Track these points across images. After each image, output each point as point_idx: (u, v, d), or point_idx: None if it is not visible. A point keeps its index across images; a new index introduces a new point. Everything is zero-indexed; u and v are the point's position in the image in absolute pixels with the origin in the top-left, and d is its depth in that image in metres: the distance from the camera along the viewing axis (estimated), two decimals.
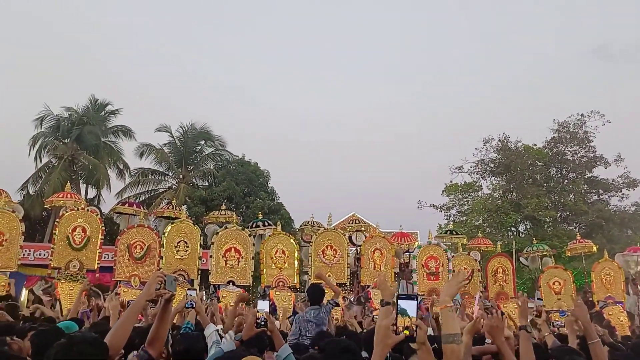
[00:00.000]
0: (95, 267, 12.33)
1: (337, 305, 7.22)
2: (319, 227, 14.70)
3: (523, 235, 30.30)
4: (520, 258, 16.78)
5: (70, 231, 12.16)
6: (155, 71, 75.49)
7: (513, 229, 31.36)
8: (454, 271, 14.24)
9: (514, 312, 13.15)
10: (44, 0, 70.63)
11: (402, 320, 2.30)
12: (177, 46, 79.53)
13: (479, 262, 15.19)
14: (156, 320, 3.04)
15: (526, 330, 3.53)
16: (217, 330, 4.63)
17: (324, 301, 6.85)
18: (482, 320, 3.34)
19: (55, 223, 12.82)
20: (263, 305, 3.52)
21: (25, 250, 17.49)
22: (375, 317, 8.66)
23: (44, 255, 16.50)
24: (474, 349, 4.85)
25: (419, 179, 65.79)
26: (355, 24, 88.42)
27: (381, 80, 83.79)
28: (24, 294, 16.66)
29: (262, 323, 3.54)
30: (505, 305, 13.67)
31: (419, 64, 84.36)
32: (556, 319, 11.96)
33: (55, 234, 12.32)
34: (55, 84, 58.96)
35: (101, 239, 12.54)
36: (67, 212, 12.61)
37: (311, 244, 13.96)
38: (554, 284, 14.31)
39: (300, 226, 15.82)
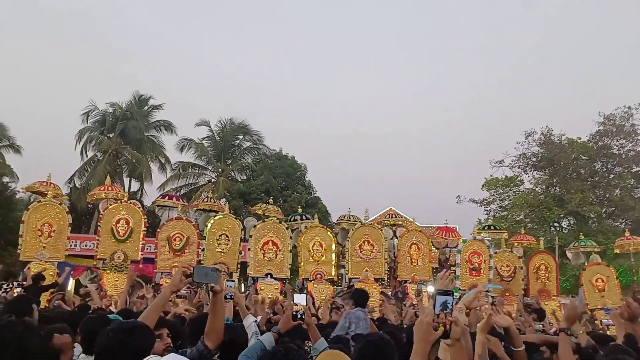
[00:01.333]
0: (139, 258, 12.69)
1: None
2: (355, 221, 14.66)
3: (566, 231, 29.49)
4: (568, 253, 16.26)
5: (114, 223, 12.53)
6: (195, 67, 76.66)
7: (556, 224, 30.55)
8: (496, 268, 14.00)
9: (554, 310, 12.86)
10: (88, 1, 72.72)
11: (443, 315, 2.29)
12: (214, 42, 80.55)
13: (522, 259, 14.84)
14: (210, 313, 3.10)
15: (566, 332, 3.52)
16: (256, 322, 4.71)
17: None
18: (493, 316, 3.33)
19: (100, 215, 13.24)
20: (300, 299, 3.56)
21: (72, 242, 18.12)
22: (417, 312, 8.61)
23: (90, 246, 17.05)
24: (536, 337, 4.83)
25: (458, 173, 64.81)
26: (389, 18, 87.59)
27: (420, 71, 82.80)
28: (71, 284, 17.28)
29: (299, 316, 3.58)
30: (546, 303, 13.37)
31: (460, 53, 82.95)
32: (602, 317, 11.64)
33: (100, 226, 12.72)
34: (101, 80, 60.71)
35: (143, 231, 12.88)
36: (110, 204, 12.99)
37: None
38: (596, 281, 13.91)
39: (338, 220, 15.81)
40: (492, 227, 16.52)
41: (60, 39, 70.64)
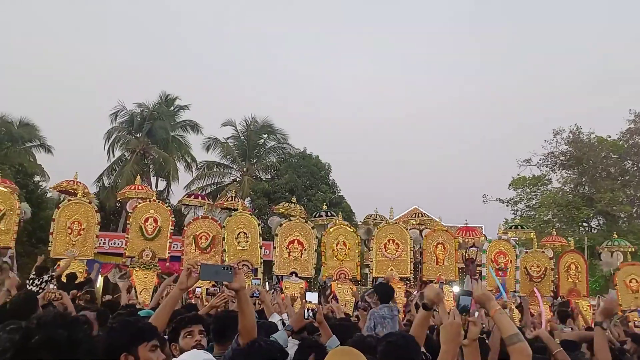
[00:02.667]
0: (166, 256, 12.88)
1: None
2: (381, 220, 14.60)
3: (596, 231, 28.89)
4: (602, 254, 15.89)
5: (143, 222, 12.74)
6: (220, 67, 77.29)
7: (585, 224, 29.97)
8: (525, 268, 13.80)
9: (585, 309, 12.63)
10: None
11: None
12: (240, 42, 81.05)
13: (552, 260, 14.59)
14: (238, 312, 3.11)
15: (601, 327, 3.48)
16: (282, 320, 4.73)
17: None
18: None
19: (129, 214, 13.46)
20: (311, 297, 3.57)
21: (101, 240, 18.44)
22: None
23: (118, 244, 17.34)
24: (575, 335, 4.79)
25: (484, 172, 64.00)
26: (410, 15, 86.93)
27: (446, 73, 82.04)
28: (100, 281, 17.59)
29: (311, 314, 3.59)
30: (576, 302, 13.15)
31: (483, 51, 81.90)
32: (635, 318, 11.39)
33: (129, 224, 12.94)
34: (129, 80, 61.69)
35: (171, 229, 13.06)
36: (139, 203, 13.20)
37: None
38: (630, 281, 13.61)
39: (364, 219, 15.77)
40: (519, 227, 16.28)
41: (92, 40, 72.02)
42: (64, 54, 70.30)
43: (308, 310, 3.65)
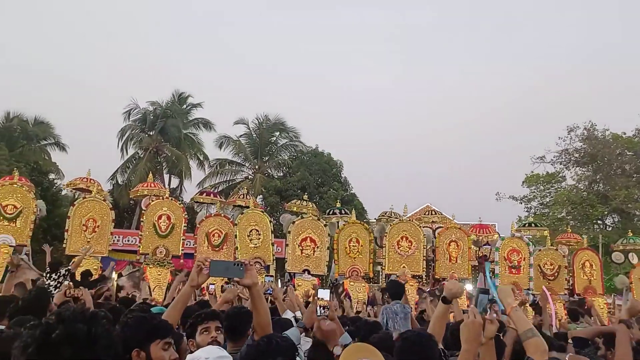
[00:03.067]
0: (180, 253, 12.96)
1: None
2: (396, 217, 14.57)
3: (610, 229, 28.59)
4: (616, 253, 15.75)
5: (156, 219, 12.81)
6: (231, 65, 77.54)
7: (599, 222, 29.67)
8: (538, 266, 13.70)
9: (601, 307, 12.51)
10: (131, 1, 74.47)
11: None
12: (252, 40, 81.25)
13: (567, 257, 14.46)
14: (252, 309, 3.11)
15: (627, 324, 3.48)
16: (294, 317, 4.74)
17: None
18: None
19: (142, 211, 13.55)
20: (323, 294, 3.58)
21: (115, 237, 18.61)
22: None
23: (132, 241, 17.50)
24: (584, 332, 4.76)
25: (497, 170, 63.60)
26: (426, 10, 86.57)
27: (457, 66, 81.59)
28: (114, 278, 17.76)
29: (323, 312, 3.60)
30: (593, 300, 13.04)
31: (496, 48, 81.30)
32: None
33: (142, 221, 13.03)
34: (142, 79, 62.11)
35: (184, 226, 13.14)
36: (152, 200, 13.29)
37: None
38: None
39: (379, 217, 15.75)
40: (533, 225, 16.16)
41: (103, 37, 72.60)
42: (78, 53, 70.95)
43: (320, 307, 3.66)
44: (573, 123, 30.73)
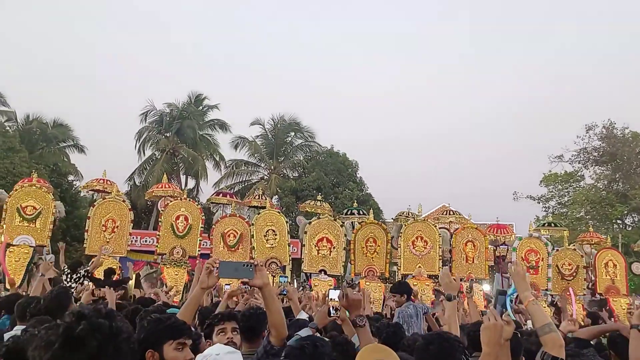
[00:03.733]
0: (196, 253, 13.05)
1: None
2: (413, 218, 14.52)
3: (630, 229, 28.16)
4: (635, 264, 15.53)
5: (174, 219, 12.92)
6: (249, 66, 77.90)
7: (619, 221, 29.24)
8: (556, 266, 13.55)
9: (624, 307, 12.31)
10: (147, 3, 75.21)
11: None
12: (266, 41, 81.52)
13: (589, 256, 14.25)
14: (265, 309, 3.12)
15: (638, 329, 3.42)
16: (309, 317, 4.74)
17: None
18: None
19: (160, 212, 13.68)
20: (334, 295, 3.58)
21: (133, 237, 18.81)
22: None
23: (150, 242, 17.66)
24: (585, 332, 4.71)
25: (514, 169, 62.99)
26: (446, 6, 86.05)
27: (474, 63, 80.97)
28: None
29: (334, 312, 3.61)
30: (615, 300, 12.85)
31: (515, 45, 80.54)
32: None
33: (160, 222, 13.15)
34: (159, 80, 62.69)
35: (201, 227, 13.23)
36: (168, 202, 13.41)
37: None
38: None
39: (396, 216, 15.71)
40: (552, 225, 15.98)
41: (121, 40, 73.41)
42: (95, 54, 71.85)
43: (332, 308, 3.66)
44: (592, 121, 30.41)
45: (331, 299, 3.54)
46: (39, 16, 71.84)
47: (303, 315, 4.83)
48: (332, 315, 3.59)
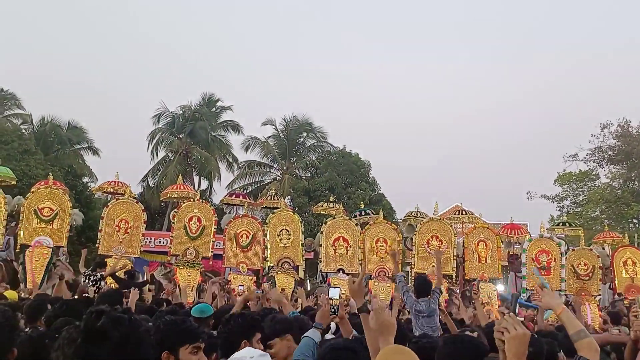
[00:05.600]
0: (209, 254, 13.13)
1: (441, 292, 7.10)
2: (422, 217, 14.46)
3: None
4: None
5: (187, 221, 13.00)
6: (260, 67, 78.11)
7: (635, 220, 28.90)
8: (572, 266, 13.41)
9: None
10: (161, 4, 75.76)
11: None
12: (278, 41, 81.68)
13: (606, 258, 14.07)
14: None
15: None
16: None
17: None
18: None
19: (174, 213, 13.78)
20: (333, 293, 3.60)
21: (147, 238, 18.93)
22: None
23: (164, 242, 17.77)
24: (602, 338, 4.67)
25: (528, 168, 62.41)
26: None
27: (487, 64, 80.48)
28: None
29: (333, 310, 3.62)
30: (633, 298, 12.68)
31: (525, 44, 79.89)
32: None
33: (173, 223, 13.24)
34: (171, 83, 63.12)
35: (214, 228, 13.30)
36: (183, 202, 13.50)
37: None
38: None
39: (405, 216, 15.65)
40: (567, 224, 15.81)
41: (133, 41, 73.98)
42: (106, 57, 72.45)
43: (332, 306, 3.68)
44: (607, 120, 30.08)
45: (330, 298, 3.57)
46: (54, 20, 72.60)
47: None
48: (332, 314, 3.62)
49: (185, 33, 78.78)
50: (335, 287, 3.62)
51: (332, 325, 4.28)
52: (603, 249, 14.90)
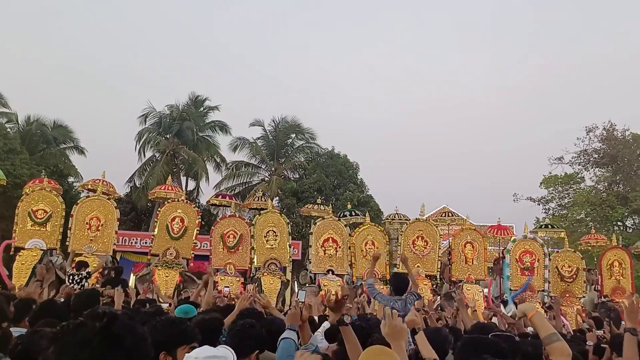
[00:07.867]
0: (190, 256, 13.03)
1: (419, 297, 7.05)
2: (406, 220, 14.55)
3: (631, 231, 28.15)
4: None
5: (169, 221, 12.92)
6: (249, 67, 77.95)
7: (619, 223, 29.22)
8: (556, 268, 13.53)
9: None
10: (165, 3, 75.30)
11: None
12: (267, 43, 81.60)
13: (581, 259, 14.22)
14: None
15: (631, 333, 3.43)
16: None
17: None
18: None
19: (157, 212, 13.69)
20: (301, 296, 3.62)
21: (133, 239, 18.82)
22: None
23: (149, 243, 17.63)
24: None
25: (514, 171, 62.90)
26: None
27: (477, 70, 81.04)
28: (132, 280, 17.97)
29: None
30: (620, 301, 12.83)
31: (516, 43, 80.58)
32: None
33: (156, 222, 13.14)
34: (159, 82, 62.77)
35: (197, 230, 13.20)
36: (168, 202, 13.41)
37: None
38: None
39: (385, 219, 15.73)
40: (549, 226, 15.96)
41: (121, 39, 73.49)
42: (95, 55, 71.86)
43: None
44: (592, 123, 30.41)
45: (297, 300, 3.58)
46: (39, 20, 71.92)
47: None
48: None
49: (173, 34, 78.44)
50: (302, 290, 3.64)
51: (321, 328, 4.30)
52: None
